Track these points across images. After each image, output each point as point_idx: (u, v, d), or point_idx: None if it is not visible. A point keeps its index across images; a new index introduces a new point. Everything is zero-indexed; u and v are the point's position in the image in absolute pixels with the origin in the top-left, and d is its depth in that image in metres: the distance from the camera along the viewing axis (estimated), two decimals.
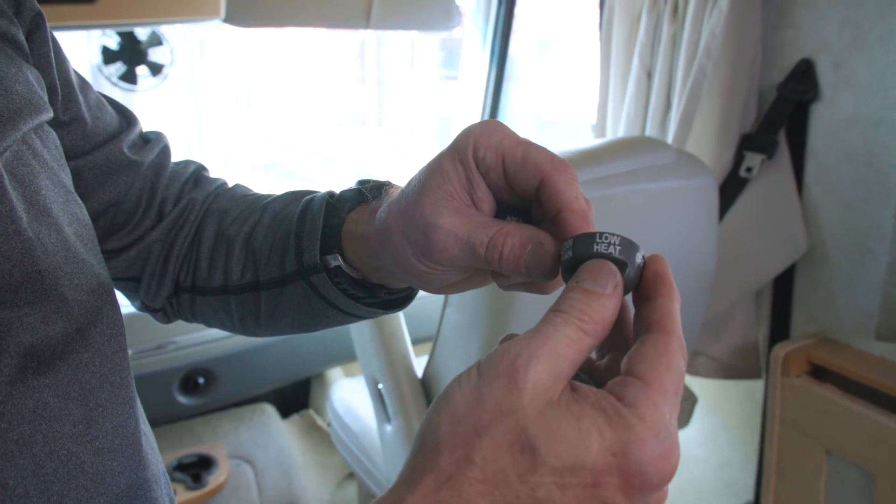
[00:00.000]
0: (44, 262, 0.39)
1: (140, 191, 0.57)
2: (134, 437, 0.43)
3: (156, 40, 1.90)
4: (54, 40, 0.52)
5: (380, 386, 1.41)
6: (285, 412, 2.27)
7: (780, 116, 1.40)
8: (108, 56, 1.89)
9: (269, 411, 2.19)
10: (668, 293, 0.33)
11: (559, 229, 0.36)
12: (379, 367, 1.39)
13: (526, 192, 0.38)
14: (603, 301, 0.32)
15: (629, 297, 0.35)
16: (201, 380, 1.94)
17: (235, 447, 2.02)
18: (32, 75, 0.46)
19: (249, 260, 0.54)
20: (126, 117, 0.58)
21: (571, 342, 0.30)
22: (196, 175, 0.62)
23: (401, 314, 1.41)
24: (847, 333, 1.39)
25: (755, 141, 1.42)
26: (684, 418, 1.59)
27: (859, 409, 1.28)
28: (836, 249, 1.39)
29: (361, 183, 0.51)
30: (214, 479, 1.79)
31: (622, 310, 0.36)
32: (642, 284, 0.34)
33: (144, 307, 0.60)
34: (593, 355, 0.38)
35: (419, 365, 1.39)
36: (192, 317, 0.61)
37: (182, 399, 1.92)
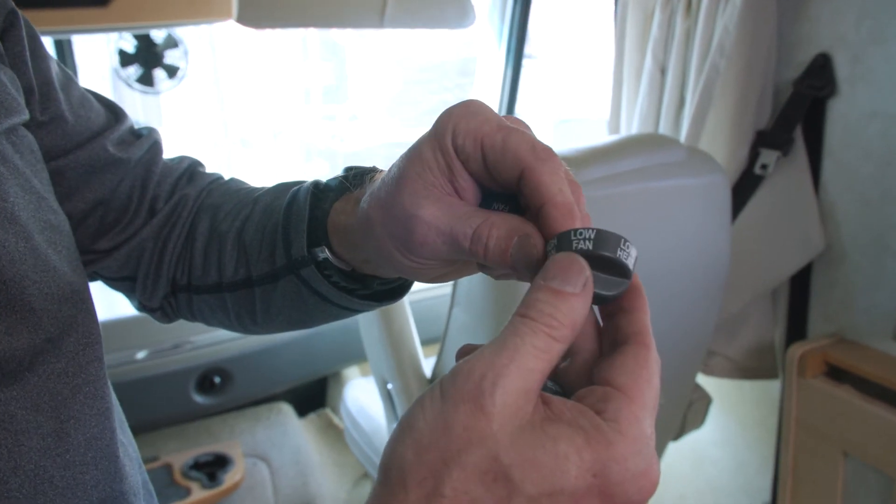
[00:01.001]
0: (9, 271, 0.38)
1: (130, 188, 0.56)
2: (109, 449, 0.42)
3: (171, 43, 1.91)
4: (35, 38, 0.50)
5: (389, 386, 1.41)
6: (302, 411, 2.27)
7: (796, 113, 1.37)
8: (125, 59, 1.90)
9: (286, 410, 2.20)
10: (644, 306, 0.32)
11: (543, 225, 0.33)
12: (388, 368, 1.39)
13: (508, 183, 0.34)
14: (572, 302, 0.29)
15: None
16: (217, 379, 1.94)
17: (251, 446, 2.02)
18: (6, 76, 0.45)
19: (241, 256, 0.53)
20: (114, 113, 0.57)
21: (540, 353, 0.28)
22: (190, 171, 0.60)
23: (409, 314, 1.40)
24: (865, 334, 1.36)
25: (770, 138, 1.39)
26: (699, 419, 1.57)
27: (877, 411, 1.25)
28: (854, 248, 1.35)
29: (347, 170, 0.49)
30: (230, 478, 1.80)
31: (592, 312, 0.34)
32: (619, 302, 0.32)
33: (142, 307, 0.59)
34: None
35: (428, 365, 1.38)
36: (191, 316, 0.59)
37: (198, 398, 1.93)
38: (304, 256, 0.47)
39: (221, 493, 1.76)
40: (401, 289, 0.51)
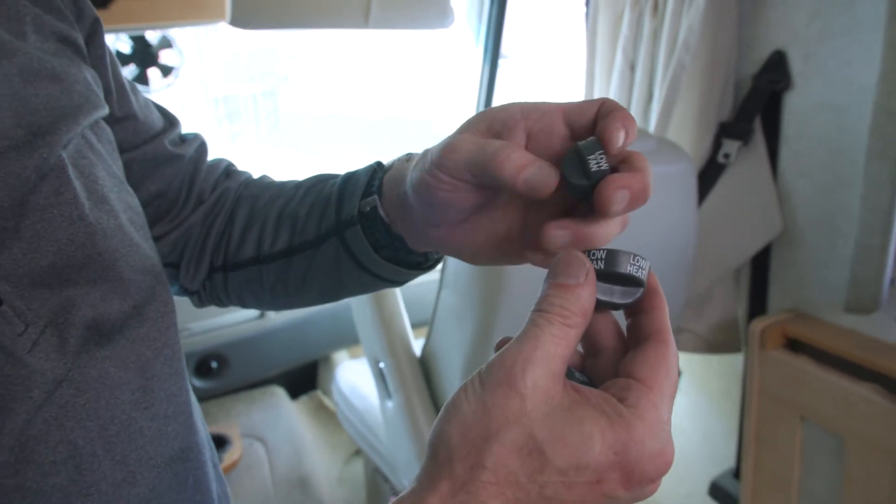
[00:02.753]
0: (103, 245, 0.42)
1: (181, 182, 0.60)
2: (185, 405, 0.46)
3: (166, 43, 1.92)
4: (108, 46, 0.54)
5: (381, 365, 1.45)
6: (294, 394, 2.30)
7: (755, 105, 1.43)
8: (122, 59, 1.92)
9: (279, 393, 2.23)
10: (663, 305, 0.35)
11: (601, 117, 0.36)
12: (380, 347, 1.43)
13: (584, 126, 0.38)
14: (578, 292, 0.33)
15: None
16: (214, 364, 1.97)
17: (248, 427, 2.06)
18: (90, 75, 0.48)
19: (284, 228, 0.56)
20: (168, 118, 0.61)
21: (558, 339, 0.32)
22: (227, 169, 0.65)
23: (400, 299, 1.44)
24: (820, 308, 1.43)
25: (732, 128, 1.45)
26: None
27: (831, 378, 1.32)
28: (809, 230, 1.42)
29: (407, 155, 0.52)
30: (229, 457, 1.84)
31: (611, 313, 0.38)
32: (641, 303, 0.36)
33: (182, 290, 0.63)
34: (580, 349, 0.39)
35: (417, 346, 1.43)
36: (224, 297, 0.62)
37: (197, 382, 1.96)
38: (353, 216, 0.50)
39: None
40: (427, 263, 0.54)
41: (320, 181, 0.57)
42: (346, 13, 1.95)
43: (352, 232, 0.51)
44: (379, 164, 0.53)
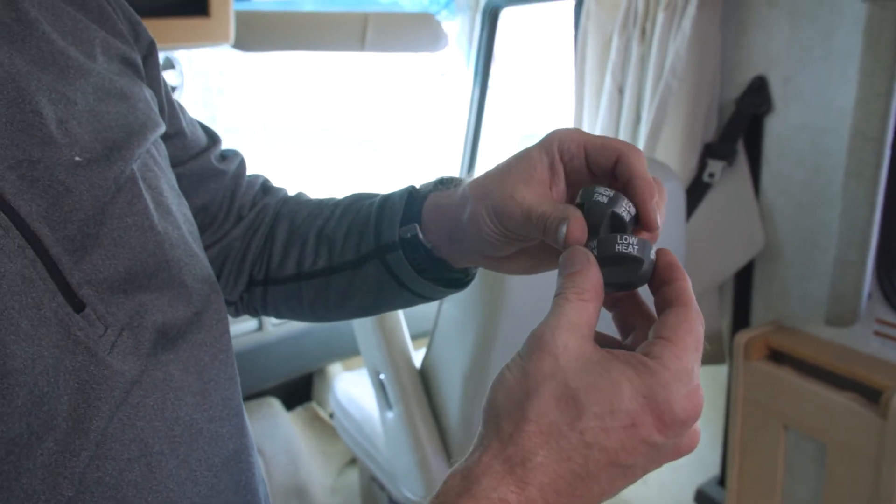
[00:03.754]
0: (170, 253, 0.44)
1: (222, 197, 0.62)
2: (238, 408, 0.47)
3: (168, 64, 1.94)
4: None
5: (381, 376, 1.46)
6: (290, 405, 2.30)
7: (738, 127, 1.47)
8: None
9: (275, 404, 2.23)
10: (682, 276, 0.38)
11: (632, 193, 0.40)
12: (381, 359, 1.44)
13: (604, 169, 0.42)
14: (584, 272, 0.36)
15: (646, 288, 0.39)
16: None
17: None
18: (149, 94, 0.51)
19: (323, 248, 0.58)
20: (211, 136, 0.63)
21: (578, 310, 0.35)
22: (264, 185, 0.66)
23: (400, 311, 1.46)
24: (801, 320, 1.46)
25: (716, 149, 1.49)
26: None
27: (813, 388, 1.35)
28: (790, 245, 1.46)
29: (443, 180, 0.55)
30: None
31: (636, 296, 0.41)
32: (657, 273, 0.38)
33: None
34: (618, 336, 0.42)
35: (417, 357, 1.45)
36: (262, 309, 0.64)
37: None
38: (394, 242, 0.52)
39: None
40: (462, 281, 0.56)
41: (357, 201, 0.59)
42: (343, 37, 1.98)
43: (394, 256, 0.53)
44: (413, 188, 0.55)
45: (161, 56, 1.77)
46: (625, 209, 0.39)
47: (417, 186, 0.56)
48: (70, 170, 0.40)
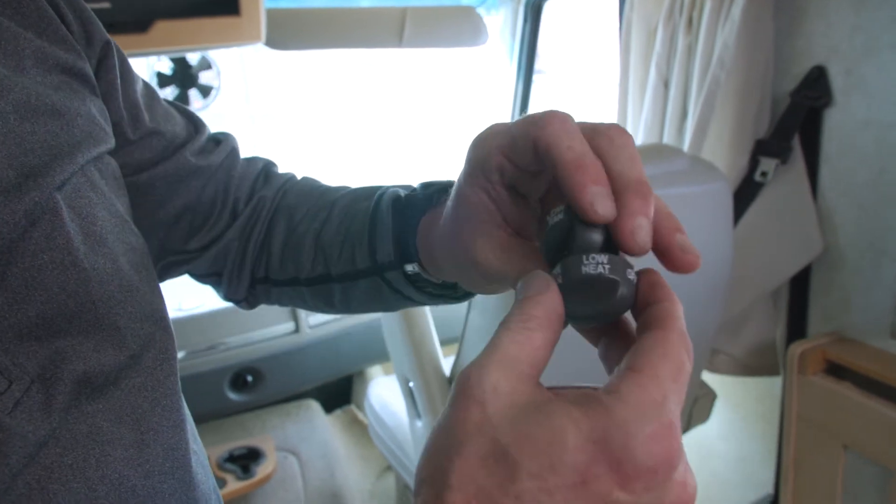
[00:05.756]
0: (98, 292, 0.39)
1: (214, 193, 0.57)
2: (184, 459, 0.42)
3: (205, 64, 1.93)
4: (124, 62, 0.51)
5: (410, 384, 1.41)
6: (329, 408, 2.28)
7: (793, 122, 1.36)
8: (163, 80, 1.93)
9: (314, 407, 2.21)
10: (666, 297, 0.30)
11: (560, 190, 0.31)
12: (409, 367, 1.39)
13: (532, 165, 0.33)
14: (539, 299, 0.29)
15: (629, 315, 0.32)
16: (250, 378, 1.96)
17: (282, 440, 2.04)
18: (95, 107, 0.45)
19: (320, 255, 0.54)
20: (194, 123, 0.58)
21: (519, 342, 0.27)
22: (265, 171, 0.62)
23: (430, 317, 1.40)
24: (863, 332, 1.34)
25: (769, 146, 1.38)
26: (704, 413, 1.56)
27: (875, 407, 1.24)
28: (851, 251, 1.34)
29: (426, 186, 0.50)
30: (262, 470, 1.82)
31: (624, 327, 0.33)
32: (639, 296, 0.31)
33: (228, 298, 0.61)
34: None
35: (447, 364, 1.39)
36: (270, 303, 0.61)
37: (232, 396, 1.95)
38: (390, 261, 0.49)
39: (254, 485, 1.78)
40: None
41: (353, 203, 0.54)
42: (380, 33, 1.93)
43: (392, 274, 0.49)
44: (398, 196, 0.50)
45: (197, 56, 1.77)
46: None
47: (401, 194, 0.51)
48: None
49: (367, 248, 0.50)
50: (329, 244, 0.53)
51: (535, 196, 0.38)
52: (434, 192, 0.48)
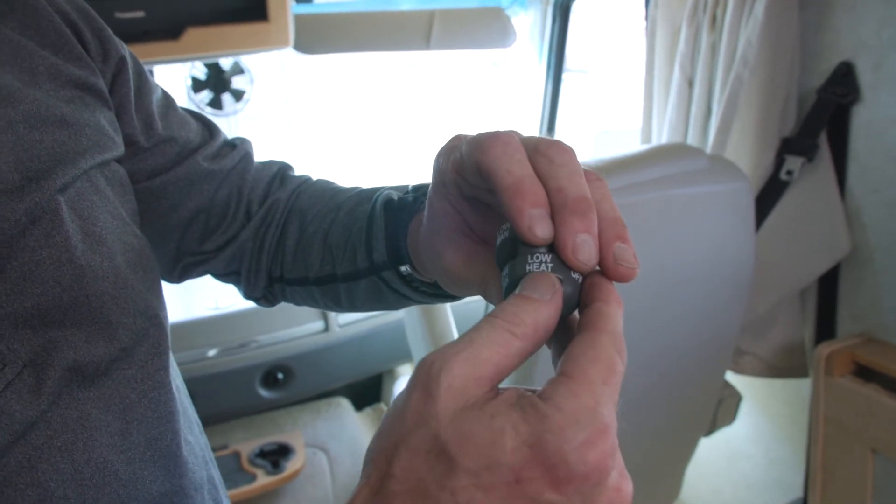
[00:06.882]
0: (92, 287, 0.41)
1: (227, 195, 0.60)
2: (169, 449, 0.44)
3: (237, 69, 1.98)
4: (141, 74, 0.55)
5: None
6: (359, 405, 2.31)
7: (820, 119, 1.33)
8: (197, 85, 1.98)
9: (344, 404, 2.24)
10: (603, 297, 0.30)
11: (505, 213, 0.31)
12: None
13: (482, 184, 0.34)
14: (537, 306, 0.29)
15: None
16: (280, 375, 2.00)
17: (312, 437, 2.07)
18: (106, 119, 0.49)
19: (327, 255, 0.56)
20: (209, 129, 0.61)
21: (496, 346, 0.28)
22: (281, 174, 0.64)
23: (450, 316, 1.41)
24: (893, 333, 1.31)
25: (795, 144, 1.35)
26: (729, 416, 1.53)
27: None
28: (881, 250, 1.30)
29: (416, 189, 0.51)
30: (292, 466, 1.85)
31: (570, 329, 0.33)
32: (582, 297, 0.31)
33: (248, 296, 0.63)
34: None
35: None
36: (286, 301, 0.64)
37: (263, 393, 1.98)
38: (384, 261, 0.50)
39: (284, 480, 1.81)
40: None
41: (358, 205, 0.56)
42: (407, 36, 1.94)
43: (388, 274, 0.51)
44: (390, 198, 0.52)
45: (230, 62, 1.81)
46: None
47: (394, 196, 0.52)
48: None
49: (365, 249, 0.52)
50: (335, 244, 0.55)
51: (497, 206, 0.38)
52: (421, 196, 0.50)
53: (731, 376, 1.53)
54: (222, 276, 0.63)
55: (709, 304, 1.23)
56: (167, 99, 0.59)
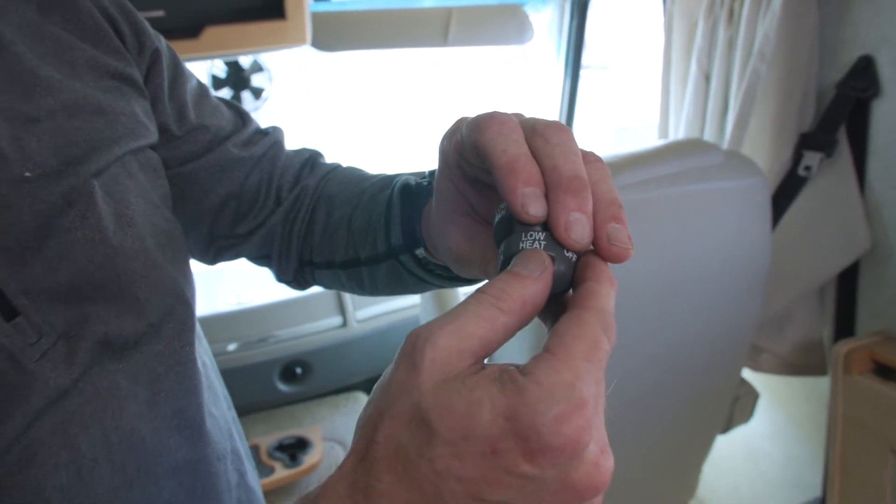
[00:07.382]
0: (122, 266, 0.44)
1: (258, 181, 0.62)
2: (194, 420, 0.47)
3: (257, 67, 1.99)
4: (177, 65, 0.58)
5: None
6: None
7: (839, 114, 1.31)
8: (217, 83, 2.00)
9: (362, 399, 2.25)
10: (595, 276, 0.30)
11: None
12: None
13: (482, 164, 0.34)
14: (525, 282, 0.29)
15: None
16: (299, 370, 2.01)
17: (330, 431, 2.08)
18: (141, 107, 0.51)
19: (351, 240, 0.57)
20: (241, 117, 0.63)
21: (482, 320, 0.28)
22: (312, 161, 0.65)
23: None
24: None
25: (814, 140, 1.33)
26: (746, 413, 1.51)
27: None
28: None
29: (431, 174, 0.52)
30: (310, 459, 1.86)
31: (562, 308, 0.32)
32: (576, 277, 0.31)
33: (280, 279, 0.66)
34: None
35: None
36: (315, 285, 0.65)
37: (282, 387, 2.00)
38: (400, 245, 0.52)
39: (301, 473, 1.82)
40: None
41: (381, 191, 0.57)
42: (425, 32, 1.94)
43: (406, 257, 0.52)
44: (407, 185, 0.53)
45: (249, 60, 1.82)
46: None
47: (412, 182, 0.53)
48: (15, 186, 0.40)
49: (384, 233, 0.53)
50: (358, 229, 0.56)
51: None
52: (433, 181, 0.51)
53: (749, 374, 1.51)
54: (255, 259, 0.65)
55: (724, 300, 1.22)
56: (201, 88, 0.61)
